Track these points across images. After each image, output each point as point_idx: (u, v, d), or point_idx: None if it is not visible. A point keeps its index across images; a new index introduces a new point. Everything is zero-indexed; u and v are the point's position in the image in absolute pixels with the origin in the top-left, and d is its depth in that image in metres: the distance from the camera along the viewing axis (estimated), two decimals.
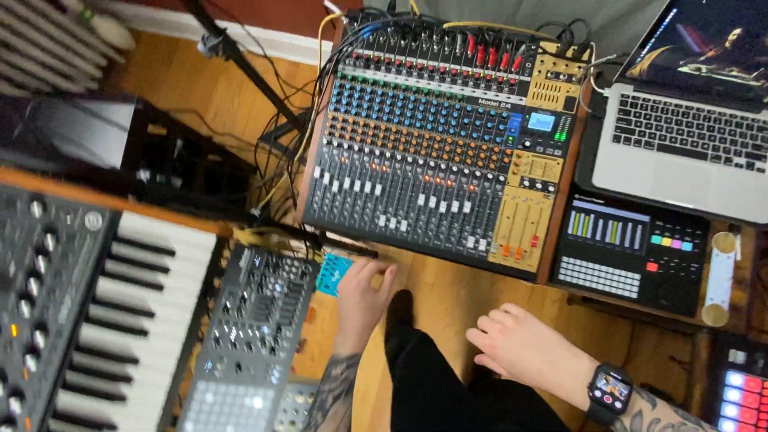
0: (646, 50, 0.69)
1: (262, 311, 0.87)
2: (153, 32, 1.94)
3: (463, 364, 1.56)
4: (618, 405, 0.44)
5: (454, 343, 1.57)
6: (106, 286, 0.55)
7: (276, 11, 1.57)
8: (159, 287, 0.56)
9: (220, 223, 0.60)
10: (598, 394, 0.45)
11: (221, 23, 0.98)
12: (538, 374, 0.49)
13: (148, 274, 0.56)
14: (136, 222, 0.57)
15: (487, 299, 1.59)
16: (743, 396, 0.71)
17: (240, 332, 0.85)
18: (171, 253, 0.57)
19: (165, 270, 0.57)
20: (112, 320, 0.55)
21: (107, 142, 0.99)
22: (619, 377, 0.46)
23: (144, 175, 0.65)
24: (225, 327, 0.83)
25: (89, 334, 0.54)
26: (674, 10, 0.62)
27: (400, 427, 0.77)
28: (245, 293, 0.85)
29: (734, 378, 0.72)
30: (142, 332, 0.55)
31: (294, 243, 1.16)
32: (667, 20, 0.63)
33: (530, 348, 0.51)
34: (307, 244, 1.04)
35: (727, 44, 0.64)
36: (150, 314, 0.56)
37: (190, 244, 0.58)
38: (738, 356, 0.73)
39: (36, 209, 0.49)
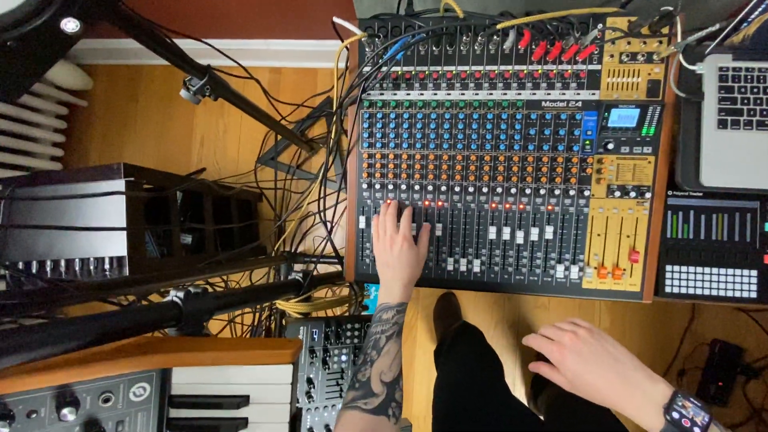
0: (758, 12, 0.54)
1: (333, 388, 0.77)
2: (108, 64, 1.71)
3: (521, 357, 1.50)
4: (696, 430, 0.42)
5: (510, 336, 1.50)
6: None
7: (244, 18, 1.36)
8: None
9: (290, 344, 0.48)
10: (676, 416, 0.43)
11: (181, 42, 0.80)
12: (609, 388, 0.47)
13: None
14: (190, 374, 0.45)
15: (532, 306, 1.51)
16: None
17: (315, 417, 0.75)
18: (244, 400, 0.45)
19: (242, 422, 0.45)
20: None
21: (101, 233, 0.84)
22: (699, 404, 0.44)
23: (176, 294, 0.52)
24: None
25: None
26: None
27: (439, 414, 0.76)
28: (311, 375, 0.75)
29: None
30: None
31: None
32: None
33: (603, 361, 0.48)
34: (354, 289, 0.93)
35: None
36: None
37: (265, 384, 0.46)
38: None
39: (68, 413, 0.37)
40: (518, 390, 1.48)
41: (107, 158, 1.71)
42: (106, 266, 0.84)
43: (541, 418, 0.97)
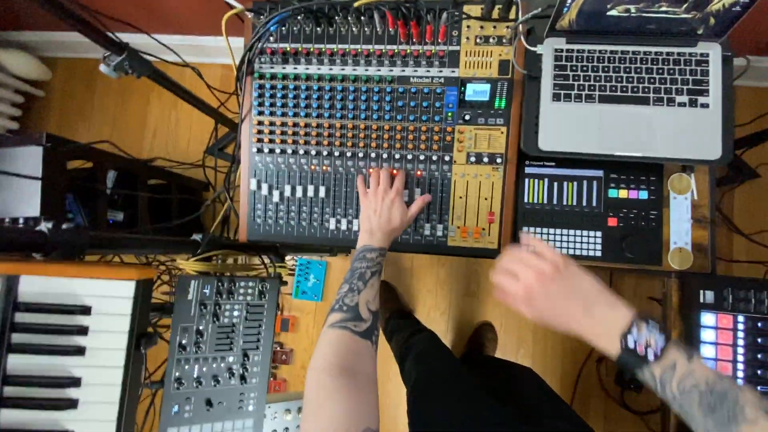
0: (570, 0, 0.64)
1: (223, 341, 0.82)
2: (68, 57, 1.78)
3: (453, 340, 1.55)
4: (650, 355, 0.43)
5: (441, 323, 1.56)
6: (16, 363, 0.48)
7: (193, 16, 1.45)
8: (80, 350, 0.50)
9: (138, 266, 0.54)
10: (631, 344, 0.44)
11: (128, 37, 0.89)
12: (572, 322, 0.48)
13: (64, 339, 0.50)
14: (39, 284, 0.50)
15: (466, 273, 1.58)
16: (718, 334, 0.71)
17: (203, 368, 0.80)
18: (86, 310, 0.51)
19: (82, 330, 0.50)
20: (32, 397, 0.49)
21: (22, 192, 0.89)
22: (657, 326, 0.44)
23: (45, 225, 0.58)
24: (185, 366, 0.78)
25: (10, 417, 0.48)
26: None
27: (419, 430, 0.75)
28: (200, 326, 0.80)
29: (707, 318, 0.71)
30: (70, 403, 0.49)
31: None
32: None
33: (570, 299, 0.48)
34: (266, 258, 0.98)
35: None
36: (75, 382, 0.50)
37: (107, 296, 0.52)
38: (707, 296, 0.72)
39: None
40: None
41: None
42: (20, 225, 0.89)
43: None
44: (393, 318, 1.42)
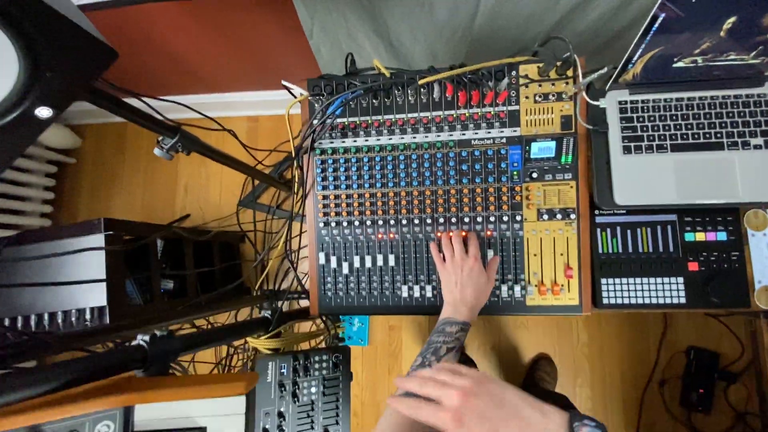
0: (636, 56, 0.64)
1: (304, 420, 0.80)
2: (96, 123, 1.82)
3: (507, 376, 1.52)
4: None
5: (493, 358, 1.53)
6: None
7: (217, 74, 1.48)
8: None
9: (243, 377, 0.53)
10: None
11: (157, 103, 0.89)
12: None
13: None
14: (152, 411, 0.49)
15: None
16: None
17: None
18: (201, 430, 0.50)
19: None
20: None
21: (83, 285, 0.90)
22: (593, 423, 0.42)
23: (142, 338, 0.58)
24: None
25: None
26: (662, 15, 0.57)
27: None
28: (281, 408, 0.79)
29: None
30: None
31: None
32: (657, 24, 0.58)
33: (501, 414, 0.43)
34: (325, 319, 0.97)
35: (722, 33, 0.59)
36: None
37: (219, 415, 0.51)
38: None
39: None
40: None
41: (95, 211, 1.78)
42: (87, 317, 0.89)
43: None
44: None
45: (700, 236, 0.75)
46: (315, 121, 0.75)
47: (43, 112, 0.51)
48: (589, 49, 1.06)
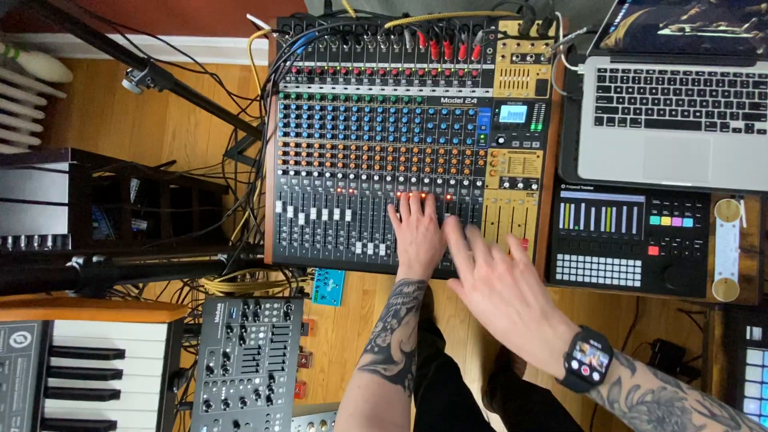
0: (620, 17, 0.59)
1: (249, 363, 0.82)
2: (89, 58, 1.78)
3: (480, 351, 1.53)
4: (596, 376, 0.41)
5: (460, 331, 1.54)
6: (54, 407, 0.49)
7: (211, 17, 1.43)
8: (115, 394, 0.50)
9: (167, 305, 0.53)
10: (575, 365, 0.42)
11: (142, 41, 0.86)
12: (507, 333, 0.46)
13: (99, 383, 0.50)
14: (73, 328, 0.50)
15: None
16: (766, 374, 0.67)
17: (230, 390, 0.80)
18: (120, 354, 0.50)
19: (117, 374, 0.50)
20: None
21: (50, 210, 0.90)
22: (599, 345, 0.43)
23: (76, 260, 0.57)
24: (213, 388, 0.78)
25: None
26: None
27: None
28: (227, 349, 0.80)
29: (754, 356, 0.68)
30: None
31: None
32: None
33: (508, 305, 0.46)
34: (288, 273, 0.98)
35: None
36: (111, 425, 0.50)
37: (139, 339, 0.51)
38: (754, 332, 0.68)
39: None
40: (475, 384, 1.51)
41: (82, 147, 1.77)
42: (49, 243, 0.90)
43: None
44: (422, 330, 1.42)
45: (665, 221, 0.72)
46: (279, 60, 0.72)
47: None
48: (585, 13, 0.99)
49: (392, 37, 0.70)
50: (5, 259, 0.62)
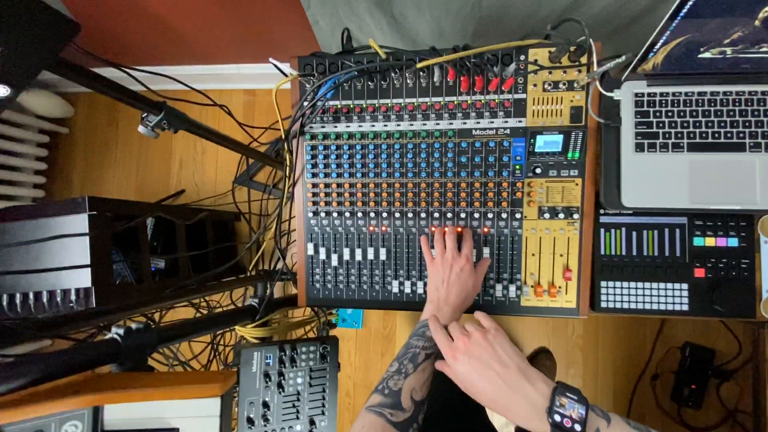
0: (660, 43, 0.58)
1: (289, 410, 0.79)
2: (88, 92, 1.76)
3: None
4: (577, 427, 0.44)
5: None
6: None
7: (213, 45, 1.40)
8: None
9: (216, 375, 0.51)
10: (557, 418, 0.44)
11: (147, 71, 0.84)
12: (492, 396, 0.49)
13: None
14: (123, 411, 0.48)
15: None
16: None
17: None
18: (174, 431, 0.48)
19: None
20: None
21: (71, 261, 0.87)
22: (575, 397, 0.46)
23: (116, 332, 0.55)
24: None
25: None
26: None
27: None
28: (266, 398, 0.78)
29: None
30: None
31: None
32: (686, 8, 0.52)
33: (488, 369, 0.50)
34: (315, 310, 0.96)
35: (757, 22, 0.53)
36: None
37: (193, 416, 0.49)
38: None
39: None
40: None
41: (89, 183, 1.75)
42: (72, 298, 0.88)
43: None
44: None
45: (709, 241, 0.71)
46: (305, 103, 0.70)
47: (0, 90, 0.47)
48: (603, 33, 0.98)
49: (420, 72, 0.68)
50: (32, 327, 0.59)
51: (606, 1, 0.96)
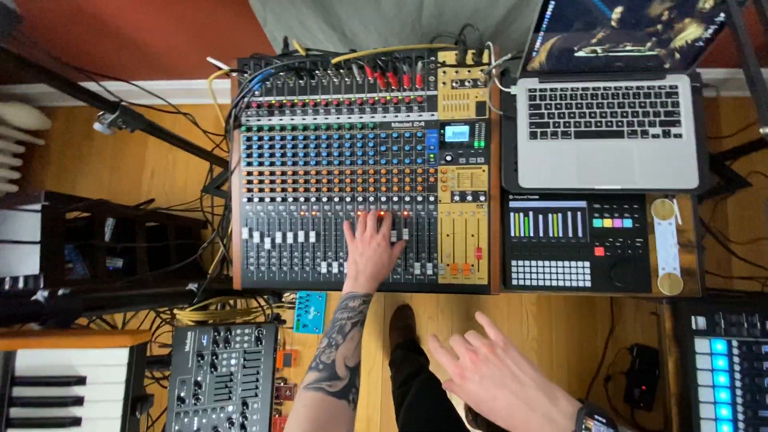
0: (538, 44, 0.67)
1: (222, 391, 0.82)
2: (67, 106, 1.84)
3: None
4: None
5: None
6: None
7: (183, 61, 1.51)
8: (76, 421, 0.51)
9: (130, 331, 0.55)
10: None
11: (122, 86, 0.92)
12: (511, 416, 0.45)
13: (60, 411, 0.51)
14: (35, 357, 0.51)
15: (466, 298, 1.58)
16: (714, 360, 0.71)
17: (203, 419, 0.80)
18: (81, 380, 0.52)
19: (78, 401, 0.51)
20: None
21: (22, 250, 0.92)
22: (603, 420, 0.41)
23: (41, 294, 0.59)
24: (185, 419, 0.78)
25: None
26: (552, 3, 0.60)
27: None
28: (198, 377, 0.80)
29: (701, 344, 0.71)
30: None
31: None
32: (549, 12, 0.61)
33: (504, 385, 0.46)
34: (263, 300, 0.99)
35: (613, 23, 0.62)
36: None
37: (101, 365, 0.53)
38: (699, 322, 0.72)
39: None
40: (460, 404, 1.50)
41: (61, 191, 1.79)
42: (21, 284, 0.91)
43: None
44: (399, 348, 1.42)
45: (607, 223, 0.78)
46: (238, 96, 0.77)
47: None
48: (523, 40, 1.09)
49: (342, 71, 0.77)
50: None
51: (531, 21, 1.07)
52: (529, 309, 1.53)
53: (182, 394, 0.79)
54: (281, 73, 0.77)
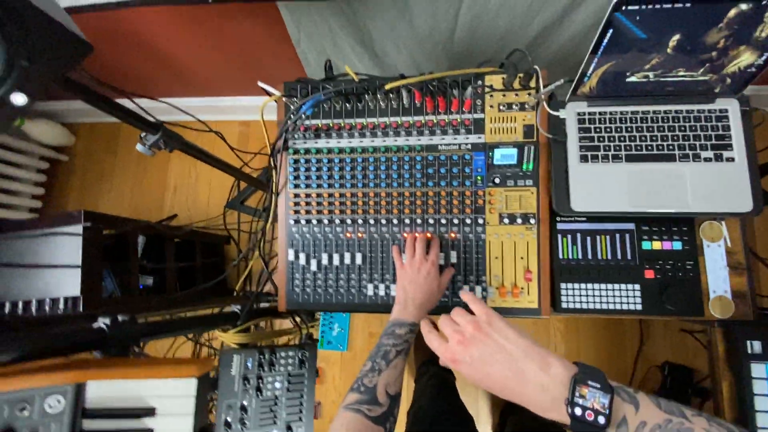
0: (591, 70, 0.68)
1: (266, 415, 0.81)
2: (90, 122, 1.86)
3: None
4: (601, 419, 0.40)
5: None
6: None
7: (212, 79, 1.52)
8: None
9: (195, 360, 0.55)
10: (578, 411, 0.40)
11: (151, 103, 0.92)
12: (506, 390, 0.45)
13: None
14: (105, 389, 0.51)
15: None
16: None
17: None
18: (150, 411, 0.51)
19: None
20: None
21: (59, 273, 0.91)
22: (597, 385, 0.41)
23: (103, 321, 0.59)
24: None
25: None
26: (610, 30, 0.61)
27: None
28: (244, 402, 0.80)
29: (757, 369, 0.71)
30: None
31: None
32: (606, 40, 0.62)
33: (493, 363, 0.45)
34: (297, 319, 0.99)
35: (669, 50, 0.63)
36: None
37: (169, 396, 0.52)
38: (755, 346, 0.71)
39: None
40: (483, 420, 1.48)
41: (84, 207, 1.80)
42: (61, 306, 0.91)
43: None
44: (425, 365, 1.41)
45: (656, 245, 0.77)
46: (288, 120, 0.78)
47: (18, 98, 0.54)
48: (565, 69, 1.11)
49: (391, 95, 0.78)
50: (22, 324, 0.63)
51: (563, 39, 1.09)
52: (556, 326, 1.52)
53: (229, 419, 0.78)
54: (330, 99, 0.78)
